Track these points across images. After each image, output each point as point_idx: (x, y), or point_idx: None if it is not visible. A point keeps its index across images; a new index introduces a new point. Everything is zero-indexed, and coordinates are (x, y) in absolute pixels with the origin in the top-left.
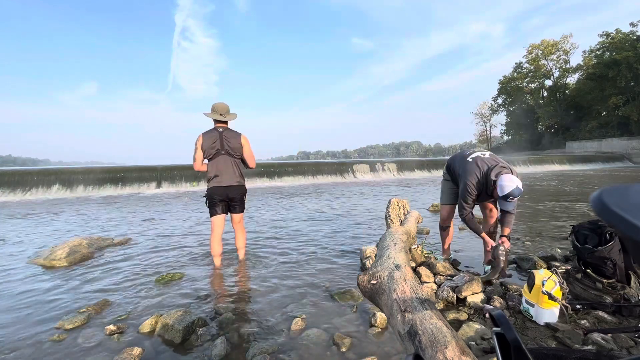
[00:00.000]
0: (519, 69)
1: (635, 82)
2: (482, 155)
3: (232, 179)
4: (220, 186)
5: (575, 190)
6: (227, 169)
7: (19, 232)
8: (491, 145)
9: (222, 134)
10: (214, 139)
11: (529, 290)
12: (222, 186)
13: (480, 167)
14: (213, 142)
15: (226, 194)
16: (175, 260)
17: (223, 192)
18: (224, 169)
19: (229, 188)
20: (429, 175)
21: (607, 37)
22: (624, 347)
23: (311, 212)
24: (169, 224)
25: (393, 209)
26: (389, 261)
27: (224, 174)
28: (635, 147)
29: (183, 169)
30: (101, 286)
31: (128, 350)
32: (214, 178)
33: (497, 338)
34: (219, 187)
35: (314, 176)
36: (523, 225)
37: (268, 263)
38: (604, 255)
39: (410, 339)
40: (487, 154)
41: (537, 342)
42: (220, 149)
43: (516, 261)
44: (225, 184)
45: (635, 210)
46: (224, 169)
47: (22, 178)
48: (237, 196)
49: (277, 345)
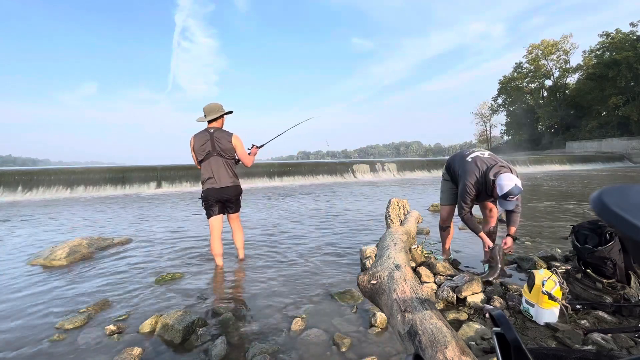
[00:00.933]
0: (519, 69)
1: (635, 82)
2: (481, 155)
3: (226, 180)
4: (215, 188)
5: (575, 190)
6: (219, 170)
7: (19, 232)
8: (491, 145)
9: (212, 134)
10: (204, 140)
11: (529, 290)
12: (217, 188)
13: (479, 166)
14: (203, 143)
15: (221, 195)
16: (175, 260)
17: (218, 193)
18: (217, 170)
19: (224, 189)
20: (429, 175)
21: (607, 37)
22: (624, 347)
23: (311, 212)
24: (169, 224)
25: (393, 209)
26: (389, 261)
27: (217, 175)
28: (635, 147)
29: (183, 169)
30: (101, 286)
31: (128, 350)
32: (207, 180)
33: (497, 338)
34: (213, 189)
35: (314, 176)
36: (523, 225)
37: (268, 263)
38: (604, 255)
39: (410, 339)
40: (487, 154)
41: (537, 342)
42: (212, 150)
43: (516, 261)
44: (220, 185)
45: (635, 210)
46: (216, 170)
47: (22, 178)
48: (232, 197)
49: (277, 345)
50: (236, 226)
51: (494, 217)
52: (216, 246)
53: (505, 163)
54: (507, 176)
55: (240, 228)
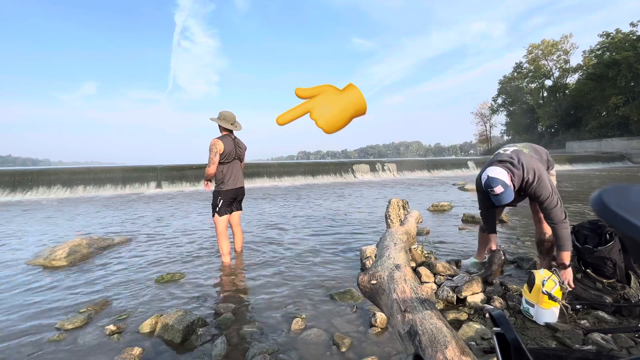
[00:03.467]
0: (519, 69)
1: (635, 82)
2: (502, 152)
3: (241, 181)
4: (235, 188)
5: (574, 190)
6: (238, 172)
7: (18, 232)
8: (491, 145)
9: (234, 140)
10: (231, 146)
11: (529, 290)
12: (236, 188)
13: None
14: (231, 148)
15: (237, 194)
16: (175, 260)
17: (235, 193)
18: (236, 173)
19: (240, 189)
20: (429, 175)
21: (607, 37)
22: (624, 347)
23: (311, 212)
24: (169, 224)
25: (393, 209)
26: (389, 261)
27: (236, 176)
28: (635, 147)
29: (183, 169)
30: (101, 286)
31: (128, 350)
32: (230, 180)
33: (497, 338)
34: (234, 189)
35: (313, 176)
36: (523, 225)
37: (268, 263)
38: (604, 255)
39: (410, 339)
40: (510, 150)
41: (537, 342)
42: (235, 155)
43: (516, 261)
44: (238, 186)
45: (635, 210)
46: (237, 172)
47: (22, 178)
48: (242, 195)
49: (277, 345)
50: (238, 229)
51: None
52: (225, 245)
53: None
54: (490, 169)
55: (241, 230)
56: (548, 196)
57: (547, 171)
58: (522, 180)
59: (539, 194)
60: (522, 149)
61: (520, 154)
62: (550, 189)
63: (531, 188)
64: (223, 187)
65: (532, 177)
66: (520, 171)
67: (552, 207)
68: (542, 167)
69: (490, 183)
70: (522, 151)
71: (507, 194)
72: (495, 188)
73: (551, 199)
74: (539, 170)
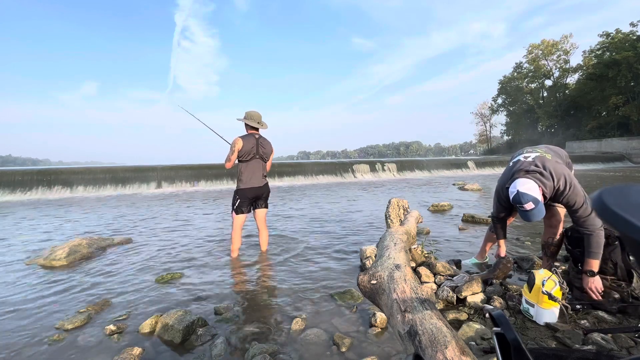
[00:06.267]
0: (519, 69)
1: (635, 82)
2: (522, 159)
3: (262, 180)
4: (254, 187)
5: None
6: (258, 171)
7: (18, 232)
8: (491, 145)
9: (258, 140)
10: (252, 144)
11: (529, 290)
12: (255, 187)
13: (505, 173)
14: (251, 146)
15: (257, 193)
16: (175, 260)
17: (255, 191)
18: (256, 172)
19: (260, 188)
20: (429, 175)
21: (607, 37)
22: (624, 347)
23: (311, 212)
24: (169, 224)
25: (393, 209)
26: (389, 261)
27: (256, 176)
28: (635, 147)
29: (183, 169)
30: (101, 286)
31: (128, 350)
32: (248, 179)
33: (497, 338)
34: (253, 188)
35: (313, 176)
36: (523, 225)
37: (268, 263)
38: (604, 256)
39: (410, 339)
40: (532, 156)
41: (537, 342)
42: (256, 153)
43: (516, 261)
44: (257, 185)
45: (635, 210)
46: (256, 171)
47: (22, 178)
48: (265, 193)
49: (277, 345)
50: (263, 225)
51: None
52: (237, 241)
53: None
54: (518, 182)
55: (266, 227)
56: (582, 203)
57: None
58: (554, 190)
59: (572, 202)
60: (544, 154)
61: (546, 161)
62: (583, 195)
63: (563, 196)
64: (241, 185)
65: (563, 185)
66: (550, 181)
67: (587, 215)
68: (570, 172)
69: (520, 199)
70: (546, 157)
71: (538, 210)
72: (526, 205)
73: (585, 206)
74: (569, 176)
